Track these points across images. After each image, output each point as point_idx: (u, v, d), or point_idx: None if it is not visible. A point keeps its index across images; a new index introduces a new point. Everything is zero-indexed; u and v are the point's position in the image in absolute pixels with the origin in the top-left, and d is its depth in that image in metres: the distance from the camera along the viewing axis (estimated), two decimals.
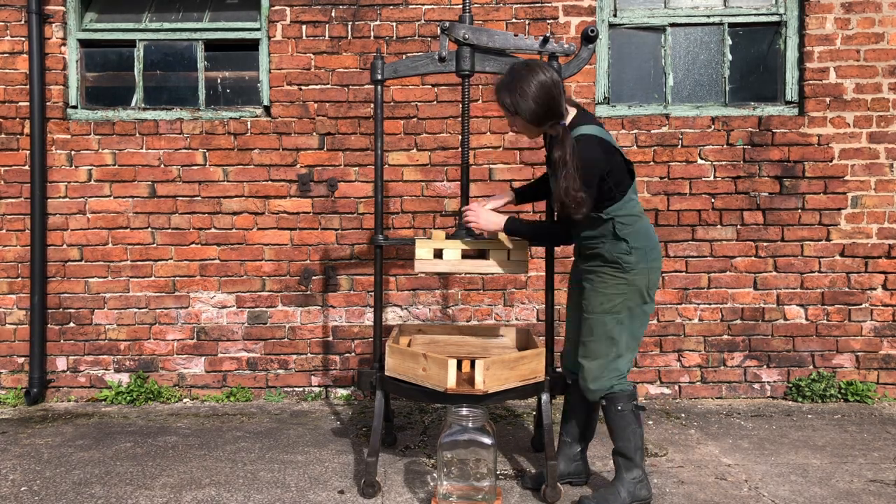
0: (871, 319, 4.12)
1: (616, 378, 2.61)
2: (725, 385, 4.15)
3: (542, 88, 2.45)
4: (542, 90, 2.45)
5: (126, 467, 3.06)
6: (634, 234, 2.56)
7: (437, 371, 2.64)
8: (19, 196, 4.15)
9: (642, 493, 2.59)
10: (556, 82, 2.48)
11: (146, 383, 4.14)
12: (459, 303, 4.16)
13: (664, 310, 4.15)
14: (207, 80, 4.26)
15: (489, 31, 2.87)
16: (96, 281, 4.16)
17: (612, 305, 2.58)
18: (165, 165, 4.15)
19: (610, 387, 2.60)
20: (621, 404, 2.59)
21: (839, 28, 4.07)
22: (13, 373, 4.17)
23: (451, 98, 4.12)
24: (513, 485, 2.86)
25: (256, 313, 4.17)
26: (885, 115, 4.09)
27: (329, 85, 4.14)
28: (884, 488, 2.84)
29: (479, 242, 2.83)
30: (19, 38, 4.12)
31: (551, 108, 2.47)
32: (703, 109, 4.17)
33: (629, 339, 2.61)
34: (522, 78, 2.46)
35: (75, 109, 4.20)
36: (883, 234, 4.11)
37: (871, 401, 4.04)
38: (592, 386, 2.62)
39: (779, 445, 3.36)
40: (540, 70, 2.48)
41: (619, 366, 2.61)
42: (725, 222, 4.13)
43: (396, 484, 2.86)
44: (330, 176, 4.15)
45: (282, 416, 3.85)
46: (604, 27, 4.15)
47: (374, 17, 4.12)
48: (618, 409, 2.60)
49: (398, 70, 2.95)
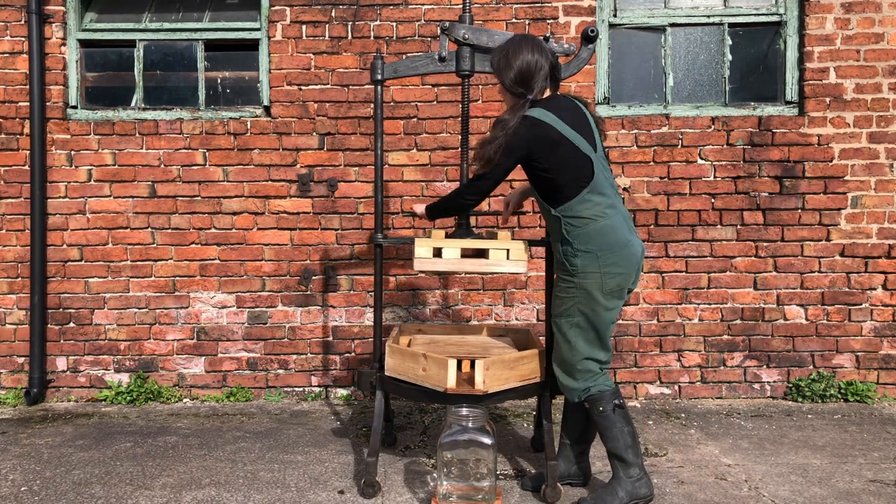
0: (871, 319, 4.12)
1: (590, 379, 2.60)
2: (725, 385, 4.15)
3: (525, 61, 2.54)
4: (524, 62, 2.54)
5: (126, 467, 3.06)
6: (584, 236, 2.51)
7: (437, 371, 2.64)
8: (19, 196, 4.15)
9: (642, 492, 2.58)
10: (538, 60, 2.55)
11: (146, 383, 4.14)
12: (459, 303, 4.16)
13: (664, 310, 4.15)
14: (207, 80, 4.26)
15: (489, 31, 2.87)
16: (96, 281, 4.16)
17: (565, 309, 2.59)
18: (165, 165, 4.15)
19: (585, 388, 2.60)
20: (602, 405, 2.58)
21: (839, 28, 4.07)
22: (13, 373, 4.17)
23: (451, 98, 4.12)
24: (513, 485, 2.86)
25: (256, 313, 4.17)
26: (885, 115, 4.09)
27: (329, 85, 4.14)
28: (884, 488, 2.84)
29: (479, 241, 2.83)
30: (19, 38, 4.12)
31: (525, 80, 2.55)
32: (703, 109, 4.17)
33: (588, 340, 2.58)
34: (514, 46, 2.58)
35: (75, 109, 4.20)
36: (883, 234, 4.11)
37: (871, 401, 4.04)
38: (565, 386, 2.64)
39: (779, 445, 3.36)
40: (532, 46, 2.56)
41: (586, 366, 2.59)
42: (725, 222, 4.13)
43: (396, 484, 2.86)
44: (330, 176, 4.15)
45: (282, 416, 3.85)
46: (604, 27, 4.15)
47: (374, 17, 4.12)
48: (599, 411, 2.59)
49: (398, 70, 2.95)
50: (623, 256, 2.53)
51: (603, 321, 2.57)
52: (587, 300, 2.54)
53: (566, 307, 2.58)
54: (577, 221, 2.52)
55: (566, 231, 2.53)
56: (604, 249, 2.51)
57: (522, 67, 2.53)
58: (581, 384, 2.60)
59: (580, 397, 2.62)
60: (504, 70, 2.57)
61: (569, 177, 2.51)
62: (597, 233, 2.51)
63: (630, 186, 4.13)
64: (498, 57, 2.60)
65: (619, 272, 2.52)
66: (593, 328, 2.57)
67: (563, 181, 2.51)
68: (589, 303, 2.54)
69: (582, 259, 2.51)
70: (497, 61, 2.60)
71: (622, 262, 2.53)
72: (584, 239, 2.51)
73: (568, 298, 2.57)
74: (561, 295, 2.60)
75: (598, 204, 2.52)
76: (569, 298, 2.57)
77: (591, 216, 2.51)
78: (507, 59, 2.56)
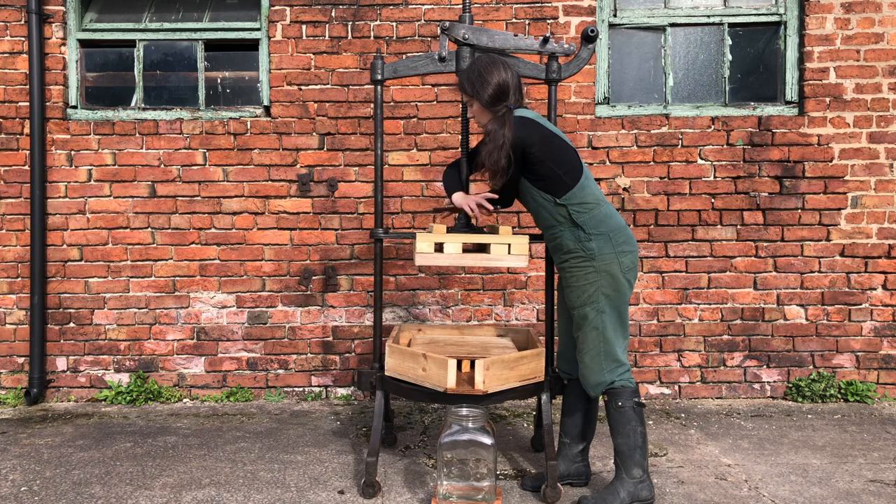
0: (871, 319, 4.12)
1: (616, 371, 2.61)
2: (725, 385, 4.15)
3: (502, 78, 2.65)
4: (501, 80, 2.65)
5: (126, 467, 3.06)
6: (592, 220, 2.60)
7: (437, 371, 2.64)
8: (19, 196, 4.15)
9: (643, 494, 2.58)
10: (512, 76, 2.68)
11: (146, 383, 4.14)
12: (459, 303, 4.16)
13: (664, 310, 4.15)
14: (207, 80, 4.26)
15: (489, 31, 2.87)
16: (96, 281, 4.16)
17: (588, 296, 2.61)
18: (165, 165, 4.15)
19: (611, 381, 2.61)
20: (622, 400, 2.59)
21: (839, 28, 4.07)
22: (13, 373, 4.17)
23: (451, 98, 4.12)
24: (513, 485, 2.86)
25: (256, 313, 4.17)
26: (885, 115, 4.09)
27: (329, 85, 4.14)
28: (884, 488, 2.84)
29: (480, 236, 2.82)
30: (19, 38, 4.12)
31: (503, 95, 2.66)
32: (703, 109, 4.17)
33: (615, 325, 2.62)
34: (485, 67, 2.68)
35: (75, 109, 4.20)
36: (883, 234, 4.11)
37: (871, 401, 4.04)
38: (592, 380, 2.63)
39: (779, 445, 3.36)
40: (503, 65, 2.68)
41: (614, 355, 2.61)
42: (725, 222, 4.13)
43: (396, 484, 2.86)
44: (330, 176, 4.15)
45: (282, 416, 3.85)
46: (604, 27, 4.15)
47: (374, 17, 4.12)
48: (618, 405, 2.60)
49: (398, 70, 2.95)
50: (629, 236, 2.66)
51: (625, 300, 2.64)
52: (609, 281, 2.60)
53: (588, 294, 2.61)
54: (583, 207, 2.61)
55: (574, 216, 2.61)
56: (613, 230, 2.62)
57: (500, 83, 2.64)
58: (608, 376, 2.62)
59: (602, 391, 2.64)
60: (481, 88, 2.65)
61: (567, 167, 2.62)
62: (603, 216, 2.62)
63: (630, 186, 4.13)
64: (472, 78, 2.68)
65: (629, 250, 2.64)
66: (617, 310, 2.62)
67: (563, 171, 2.61)
68: (611, 283, 2.60)
69: (597, 241, 2.59)
70: (471, 82, 2.68)
71: (630, 241, 2.66)
72: (594, 222, 2.60)
73: (589, 285, 2.60)
74: (580, 283, 2.62)
75: (594, 191, 2.65)
76: (590, 284, 2.60)
77: (594, 201, 2.63)
78: (482, 79, 2.65)
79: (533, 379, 2.80)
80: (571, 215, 2.61)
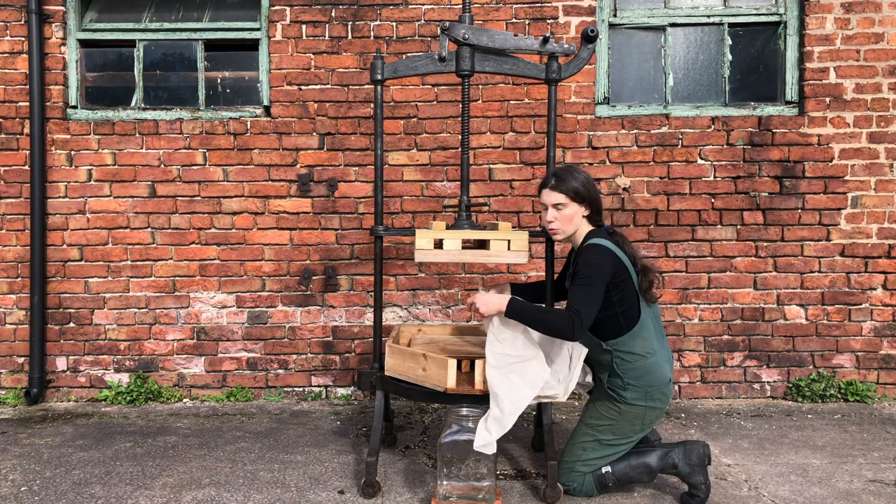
0: (871, 319, 4.12)
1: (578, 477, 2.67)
2: (725, 385, 4.15)
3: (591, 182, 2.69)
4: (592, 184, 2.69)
5: (126, 467, 3.06)
6: (634, 371, 2.59)
7: (437, 371, 2.64)
8: (19, 196, 4.15)
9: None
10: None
11: (146, 383, 4.14)
12: (459, 303, 4.16)
13: (664, 310, 4.15)
14: (207, 80, 4.26)
15: (489, 31, 2.86)
16: (96, 281, 4.16)
17: (598, 423, 2.66)
18: (165, 165, 4.15)
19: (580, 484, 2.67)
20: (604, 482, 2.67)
21: (839, 28, 4.07)
22: (13, 373, 4.17)
23: (451, 98, 4.12)
24: (513, 485, 2.86)
25: (256, 313, 4.17)
26: (885, 115, 4.09)
27: (329, 85, 4.14)
28: (884, 488, 2.84)
29: (480, 232, 2.82)
30: (19, 38, 4.12)
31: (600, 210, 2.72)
32: (703, 109, 4.17)
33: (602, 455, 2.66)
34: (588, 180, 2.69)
35: (75, 109, 4.19)
36: (883, 234, 4.11)
37: (871, 401, 4.04)
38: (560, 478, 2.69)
39: (779, 445, 3.36)
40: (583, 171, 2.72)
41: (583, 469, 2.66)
42: (725, 222, 4.13)
43: (396, 484, 2.86)
44: (330, 176, 4.15)
45: (282, 416, 3.85)
46: (604, 27, 4.15)
47: (374, 17, 4.12)
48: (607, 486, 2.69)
49: (398, 70, 2.95)
50: (665, 394, 2.63)
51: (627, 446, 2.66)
52: (625, 425, 2.63)
53: (601, 423, 2.65)
54: (629, 357, 2.60)
55: (616, 365, 2.61)
56: (653, 385, 2.60)
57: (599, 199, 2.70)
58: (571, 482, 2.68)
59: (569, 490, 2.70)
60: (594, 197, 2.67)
61: (629, 305, 2.59)
62: (647, 369, 2.60)
63: (630, 186, 4.13)
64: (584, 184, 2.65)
65: (660, 406, 2.64)
66: (612, 448, 2.65)
67: (625, 313, 2.59)
68: (626, 427, 2.63)
69: (632, 392, 2.60)
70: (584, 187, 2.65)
71: (665, 398, 2.64)
72: (634, 374, 2.60)
73: (608, 418, 2.64)
74: (601, 411, 2.66)
75: (647, 341, 2.60)
76: (608, 419, 2.64)
77: (643, 352, 2.60)
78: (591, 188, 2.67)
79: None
80: (614, 363, 2.61)
